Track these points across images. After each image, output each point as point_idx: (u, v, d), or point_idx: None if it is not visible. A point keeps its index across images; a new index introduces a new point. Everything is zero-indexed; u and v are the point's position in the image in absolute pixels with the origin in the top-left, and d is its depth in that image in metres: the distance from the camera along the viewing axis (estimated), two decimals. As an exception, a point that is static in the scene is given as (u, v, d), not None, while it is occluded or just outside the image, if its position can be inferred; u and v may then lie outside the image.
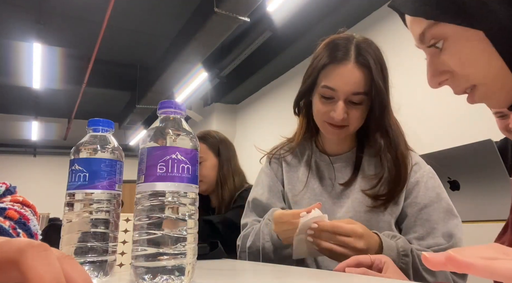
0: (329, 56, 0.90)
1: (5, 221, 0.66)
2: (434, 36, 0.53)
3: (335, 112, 0.88)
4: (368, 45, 0.91)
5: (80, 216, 0.56)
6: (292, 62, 5.46)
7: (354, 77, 0.87)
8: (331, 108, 0.89)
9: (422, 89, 3.58)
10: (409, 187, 0.92)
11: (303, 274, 0.72)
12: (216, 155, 1.47)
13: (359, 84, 0.87)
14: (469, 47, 0.51)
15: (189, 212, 0.52)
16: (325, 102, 0.91)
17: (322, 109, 0.92)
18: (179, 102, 0.57)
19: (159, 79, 5.62)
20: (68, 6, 4.70)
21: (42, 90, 6.19)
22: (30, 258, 0.24)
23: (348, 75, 0.87)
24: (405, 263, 0.79)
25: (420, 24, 0.54)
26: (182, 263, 0.49)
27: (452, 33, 0.51)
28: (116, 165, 0.60)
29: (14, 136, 8.48)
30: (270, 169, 1.09)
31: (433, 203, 0.89)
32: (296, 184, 1.03)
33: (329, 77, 0.89)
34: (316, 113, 0.95)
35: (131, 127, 8.13)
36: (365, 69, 0.88)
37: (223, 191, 1.43)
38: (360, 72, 0.87)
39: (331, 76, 0.89)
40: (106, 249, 0.56)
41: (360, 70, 0.88)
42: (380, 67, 0.90)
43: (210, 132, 1.53)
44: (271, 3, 3.74)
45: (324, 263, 0.93)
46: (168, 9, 4.84)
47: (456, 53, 0.53)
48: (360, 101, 0.89)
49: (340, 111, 0.87)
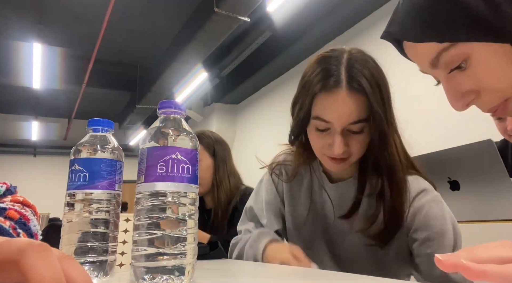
0: (319, 82, 0.78)
1: (5, 221, 0.66)
2: (454, 58, 0.50)
3: (333, 147, 0.79)
4: (362, 64, 0.79)
5: (80, 216, 0.56)
6: (292, 62, 5.46)
7: (348, 107, 0.76)
8: (329, 141, 0.80)
9: (422, 89, 3.58)
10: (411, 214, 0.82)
11: (303, 274, 0.72)
12: (212, 155, 1.45)
13: (355, 112, 0.76)
14: (496, 61, 0.48)
15: (189, 212, 0.52)
16: (321, 135, 0.81)
17: (319, 143, 0.82)
18: (179, 102, 0.57)
19: (159, 79, 5.62)
20: (68, 6, 4.70)
21: (42, 90, 6.19)
22: (30, 258, 0.24)
23: (341, 105, 0.76)
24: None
25: (430, 50, 0.51)
26: (182, 263, 0.49)
27: (474, 50, 0.48)
28: (116, 165, 0.60)
29: (14, 136, 8.48)
30: (271, 184, 1.02)
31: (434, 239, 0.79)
32: (297, 207, 0.97)
33: (322, 108, 0.78)
34: (314, 147, 0.85)
35: (131, 127, 8.13)
36: (360, 95, 0.77)
37: (219, 192, 1.41)
38: (355, 99, 0.76)
39: (323, 107, 0.78)
40: (106, 249, 0.56)
41: (354, 97, 0.76)
42: (378, 88, 0.78)
43: (205, 132, 1.51)
44: (271, 3, 3.74)
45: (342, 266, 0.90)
46: (168, 9, 4.84)
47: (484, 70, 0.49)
48: (360, 129, 0.78)
49: (338, 145, 0.77)
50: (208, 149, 1.44)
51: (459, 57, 0.50)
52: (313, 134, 0.83)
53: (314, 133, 0.82)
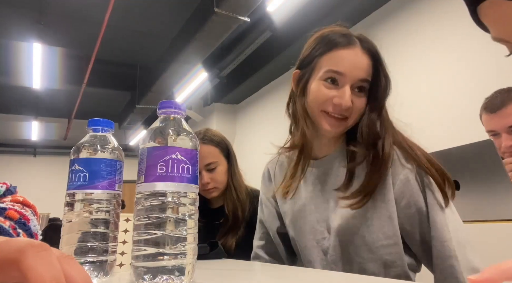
0: (329, 43, 0.83)
1: (5, 221, 0.66)
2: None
3: (341, 98, 0.79)
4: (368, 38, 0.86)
5: (80, 216, 0.56)
6: (292, 62, 5.46)
7: (362, 62, 0.81)
8: (335, 94, 0.81)
9: (423, 88, 3.58)
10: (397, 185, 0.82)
11: (303, 274, 0.72)
12: (226, 158, 1.46)
13: (367, 70, 0.81)
14: None
15: (189, 212, 0.52)
16: (329, 88, 0.82)
17: (324, 95, 0.82)
18: (179, 102, 0.57)
19: (159, 79, 5.62)
20: (68, 6, 4.70)
21: (42, 90, 6.18)
22: (30, 258, 0.24)
23: (357, 59, 0.81)
24: None
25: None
26: (182, 263, 0.49)
27: None
28: (116, 165, 0.60)
29: (14, 136, 8.48)
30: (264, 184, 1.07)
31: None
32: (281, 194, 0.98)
33: (335, 61, 0.81)
34: (316, 101, 0.84)
35: (131, 127, 8.12)
36: (371, 57, 0.83)
37: (238, 193, 1.42)
38: (367, 58, 0.82)
39: (337, 60, 0.81)
40: (106, 249, 0.56)
41: (367, 56, 0.82)
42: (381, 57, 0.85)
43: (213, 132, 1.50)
44: (271, 3, 3.74)
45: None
46: (168, 9, 4.84)
47: None
48: (363, 89, 0.83)
49: (348, 96, 0.79)
50: (223, 152, 1.45)
51: None
52: (318, 88, 0.84)
53: (321, 87, 0.83)
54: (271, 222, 1.03)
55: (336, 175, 0.89)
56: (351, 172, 0.86)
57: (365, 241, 0.83)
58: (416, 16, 3.51)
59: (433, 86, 3.37)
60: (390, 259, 0.82)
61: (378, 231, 0.82)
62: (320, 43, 0.85)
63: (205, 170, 1.38)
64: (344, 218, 0.84)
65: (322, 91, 0.83)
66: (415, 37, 3.52)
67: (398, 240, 0.82)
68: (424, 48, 3.39)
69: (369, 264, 0.82)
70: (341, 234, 0.84)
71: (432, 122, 3.15)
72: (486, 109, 1.45)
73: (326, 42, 0.84)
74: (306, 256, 0.91)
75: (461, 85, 3.06)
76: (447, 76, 3.20)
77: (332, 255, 0.86)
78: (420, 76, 3.51)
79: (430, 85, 3.41)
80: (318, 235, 0.89)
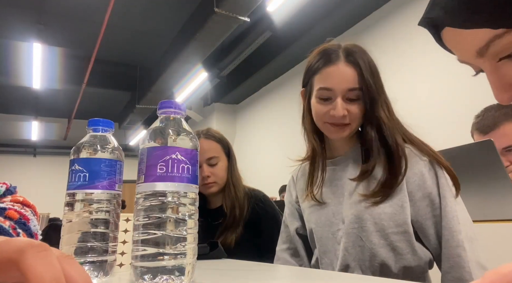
0: (320, 61, 0.95)
1: (5, 221, 0.66)
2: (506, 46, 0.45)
3: (334, 110, 0.91)
4: (356, 48, 0.95)
5: (80, 216, 0.56)
6: (292, 62, 5.45)
7: (347, 74, 0.91)
8: (330, 107, 0.92)
9: (423, 88, 3.58)
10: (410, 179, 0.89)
11: (302, 275, 0.72)
12: (227, 156, 1.48)
13: (353, 80, 0.91)
14: None
15: (189, 212, 0.52)
16: (324, 104, 0.93)
17: (321, 110, 0.94)
18: (179, 102, 0.57)
19: (159, 79, 5.63)
20: (68, 6, 4.71)
21: (42, 90, 6.19)
22: (30, 258, 0.24)
23: (341, 73, 0.91)
24: None
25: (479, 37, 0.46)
26: (182, 263, 0.49)
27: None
28: (116, 165, 0.60)
29: (14, 136, 8.49)
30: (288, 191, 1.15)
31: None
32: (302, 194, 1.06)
33: (323, 79, 0.93)
34: (316, 116, 0.96)
35: (131, 127, 8.13)
36: (355, 67, 0.92)
37: (237, 192, 1.45)
38: (351, 69, 0.91)
39: (325, 77, 0.93)
40: (106, 249, 0.56)
41: (351, 67, 0.92)
42: (368, 64, 0.93)
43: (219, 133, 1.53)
44: (271, 3, 3.74)
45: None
46: (168, 9, 4.84)
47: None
48: (357, 96, 0.91)
49: (340, 107, 0.90)
50: (225, 149, 1.48)
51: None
52: (315, 105, 0.95)
53: (317, 104, 0.95)
54: (290, 222, 1.10)
55: (351, 172, 0.96)
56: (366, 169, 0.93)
57: (377, 227, 0.87)
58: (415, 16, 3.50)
59: (433, 86, 3.37)
60: (400, 247, 0.86)
61: (389, 219, 0.87)
62: (312, 64, 0.97)
63: (206, 164, 1.40)
64: (357, 207, 0.90)
65: (318, 107, 0.95)
66: (414, 37, 3.52)
67: (408, 229, 0.86)
68: (424, 47, 3.39)
69: (381, 250, 0.86)
70: (354, 221, 0.90)
71: (431, 122, 3.15)
72: (478, 129, 1.44)
73: (315, 62, 0.96)
74: (321, 246, 0.96)
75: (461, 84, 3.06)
76: (447, 75, 3.20)
77: (345, 242, 0.90)
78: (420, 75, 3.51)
79: (430, 84, 3.41)
80: (334, 227, 0.94)
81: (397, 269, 0.85)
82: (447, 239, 0.83)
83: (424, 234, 0.88)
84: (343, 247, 0.90)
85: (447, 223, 0.84)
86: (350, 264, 0.88)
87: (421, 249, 0.88)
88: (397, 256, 0.86)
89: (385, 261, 0.85)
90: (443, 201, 0.86)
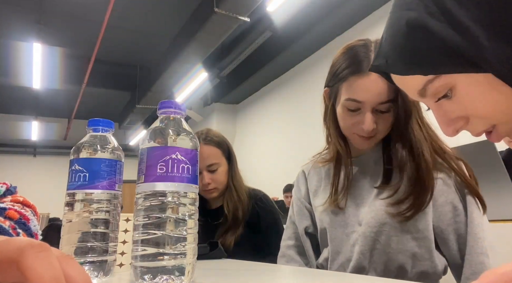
0: (349, 68, 0.87)
1: (5, 221, 0.66)
2: (439, 89, 0.52)
3: (364, 124, 0.85)
4: None
5: (80, 216, 0.56)
6: (292, 62, 5.46)
7: (379, 88, 0.84)
8: (359, 119, 0.87)
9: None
10: None
11: (303, 274, 0.72)
12: (227, 159, 1.47)
13: (385, 93, 0.84)
14: (480, 90, 0.50)
15: (189, 212, 0.52)
16: (352, 115, 0.88)
17: (349, 121, 0.89)
18: (179, 102, 0.57)
19: (159, 79, 5.63)
20: (68, 6, 4.71)
21: (42, 90, 6.19)
22: (30, 257, 0.24)
23: (373, 86, 0.84)
24: None
25: (416, 82, 0.53)
26: (182, 263, 0.49)
27: (459, 80, 0.50)
28: (116, 165, 0.60)
29: (14, 136, 8.49)
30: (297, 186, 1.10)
31: None
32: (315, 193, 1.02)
33: (353, 90, 0.86)
34: (344, 127, 0.92)
35: (131, 127, 8.13)
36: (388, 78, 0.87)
37: (239, 194, 1.44)
38: (384, 81, 0.84)
39: (355, 88, 0.86)
40: (106, 249, 0.56)
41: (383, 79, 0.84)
42: None
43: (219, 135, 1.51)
44: (271, 3, 3.74)
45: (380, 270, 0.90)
46: (168, 9, 4.85)
47: (469, 98, 0.51)
48: (387, 109, 0.86)
49: (369, 122, 0.85)
50: (225, 153, 1.46)
51: (444, 87, 0.52)
52: (343, 114, 0.90)
53: (344, 113, 0.89)
54: (299, 220, 1.06)
55: (372, 174, 0.94)
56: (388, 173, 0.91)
57: (396, 232, 0.85)
58: (416, 16, 3.51)
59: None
60: (419, 253, 0.84)
61: (410, 225, 0.85)
62: (339, 67, 0.89)
63: (206, 170, 1.39)
64: (377, 211, 0.88)
65: (346, 118, 0.89)
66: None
67: (429, 235, 0.85)
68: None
69: (398, 255, 0.85)
70: (373, 225, 0.87)
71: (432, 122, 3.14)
72: None
73: (344, 68, 0.88)
74: (334, 247, 0.94)
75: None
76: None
77: (361, 246, 0.88)
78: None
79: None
80: (349, 228, 0.92)
81: (413, 273, 0.84)
82: (471, 245, 0.81)
83: (443, 241, 0.85)
84: (359, 249, 0.88)
85: (472, 229, 0.82)
86: (364, 267, 0.87)
87: (438, 256, 0.86)
88: (415, 262, 0.84)
89: (402, 266, 0.84)
90: (469, 207, 0.84)
